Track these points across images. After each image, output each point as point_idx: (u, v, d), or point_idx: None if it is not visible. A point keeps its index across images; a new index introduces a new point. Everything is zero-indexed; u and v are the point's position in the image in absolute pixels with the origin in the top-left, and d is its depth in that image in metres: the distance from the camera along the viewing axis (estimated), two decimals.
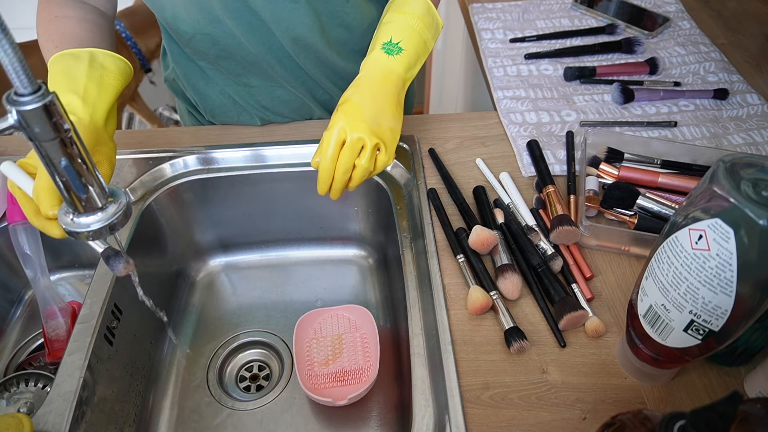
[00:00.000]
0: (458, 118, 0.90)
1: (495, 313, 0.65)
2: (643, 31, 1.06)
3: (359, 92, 0.63)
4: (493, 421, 0.56)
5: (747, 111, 0.90)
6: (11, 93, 0.38)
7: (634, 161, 0.78)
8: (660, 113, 0.90)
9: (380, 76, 0.64)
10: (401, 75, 0.65)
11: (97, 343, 0.63)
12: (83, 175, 0.45)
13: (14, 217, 0.73)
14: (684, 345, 0.50)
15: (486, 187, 0.78)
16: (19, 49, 0.36)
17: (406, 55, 0.65)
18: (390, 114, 0.64)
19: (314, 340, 0.76)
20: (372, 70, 0.65)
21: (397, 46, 0.64)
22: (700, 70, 0.97)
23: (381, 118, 0.63)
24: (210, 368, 0.78)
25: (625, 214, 0.72)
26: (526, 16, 1.11)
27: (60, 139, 0.41)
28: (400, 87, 0.65)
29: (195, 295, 0.87)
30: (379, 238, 0.88)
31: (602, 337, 0.62)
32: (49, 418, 0.56)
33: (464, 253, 0.70)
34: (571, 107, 0.91)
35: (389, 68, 0.64)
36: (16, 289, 0.85)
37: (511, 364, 0.60)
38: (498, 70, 0.99)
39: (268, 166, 0.84)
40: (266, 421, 0.72)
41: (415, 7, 0.67)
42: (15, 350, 0.79)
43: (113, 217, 0.48)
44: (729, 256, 0.42)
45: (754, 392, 0.56)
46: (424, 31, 0.67)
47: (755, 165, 0.43)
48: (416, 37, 0.66)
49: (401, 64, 0.65)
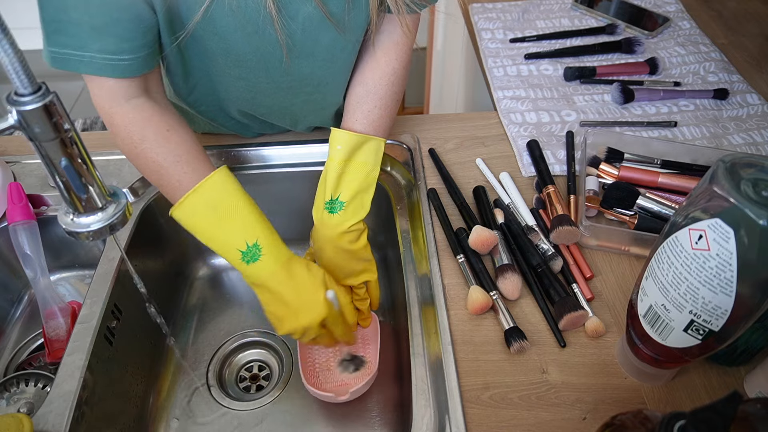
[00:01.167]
0: (458, 118, 0.90)
1: (495, 313, 0.65)
2: (643, 31, 1.06)
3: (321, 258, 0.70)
4: (493, 421, 0.56)
5: (747, 111, 0.90)
6: (11, 93, 0.38)
7: (634, 161, 0.78)
8: (660, 113, 0.90)
9: (329, 238, 0.68)
10: (346, 228, 0.67)
11: (97, 343, 0.63)
12: (83, 175, 0.45)
13: (14, 217, 0.73)
14: (684, 345, 0.50)
15: (486, 187, 0.78)
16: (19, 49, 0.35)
17: (350, 207, 0.67)
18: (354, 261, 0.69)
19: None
20: (321, 233, 0.68)
21: (338, 201, 0.67)
22: (700, 70, 0.97)
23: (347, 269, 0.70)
24: (210, 368, 0.78)
25: (625, 214, 0.72)
26: (526, 16, 1.11)
27: (60, 139, 0.41)
28: (353, 237, 0.68)
29: (195, 295, 0.87)
30: (379, 238, 0.88)
31: (602, 337, 0.62)
32: (49, 418, 0.56)
33: (464, 253, 0.70)
34: (571, 107, 0.91)
35: (335, 226, 0.67)
36: (16, 289, 0.85)
37: (511, 364, 0.60)
38: (498, 70, 0.99)
39: (268, 166, 0.84)
40: (266, 421, 0.72)
41: (341, 151, 0.67)
42: (15, 350, 0.79)
43: (113, 217, 0.48)
44: (729, 256, 0.42)
45: (754, 392, 0.56)
46: (365, 168, 0.68)
47: (755, 165, 0.43)
48: (356, 182, 0.67)
49: (345, 219, 0.67)
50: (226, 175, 0.61)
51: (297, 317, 0.61)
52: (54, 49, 0.55)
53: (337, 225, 0.67)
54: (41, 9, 0.53)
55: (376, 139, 0.68)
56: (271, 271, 0.60)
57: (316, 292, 0.61)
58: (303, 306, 0.61)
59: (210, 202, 0.60)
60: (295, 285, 0.61)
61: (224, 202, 0.60)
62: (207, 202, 0.60)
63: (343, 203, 0.67)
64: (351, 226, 0.67)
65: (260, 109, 0.76)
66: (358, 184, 0.67)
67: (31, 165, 0.83)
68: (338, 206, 0.67)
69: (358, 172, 0.67)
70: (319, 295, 0.61)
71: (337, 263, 0.69)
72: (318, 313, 0.61)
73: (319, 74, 0.69)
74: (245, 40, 0.61)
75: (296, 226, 0.90)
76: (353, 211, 0.67)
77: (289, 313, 0.61)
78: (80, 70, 0.56)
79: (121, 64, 0.56)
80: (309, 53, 0.65)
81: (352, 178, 0.67)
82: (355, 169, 0.67)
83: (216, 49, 0.63)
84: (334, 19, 0.61)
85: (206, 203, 0.60)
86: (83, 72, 0.56)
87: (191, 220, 0.60)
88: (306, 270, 0.62)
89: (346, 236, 0.67)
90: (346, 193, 0.67)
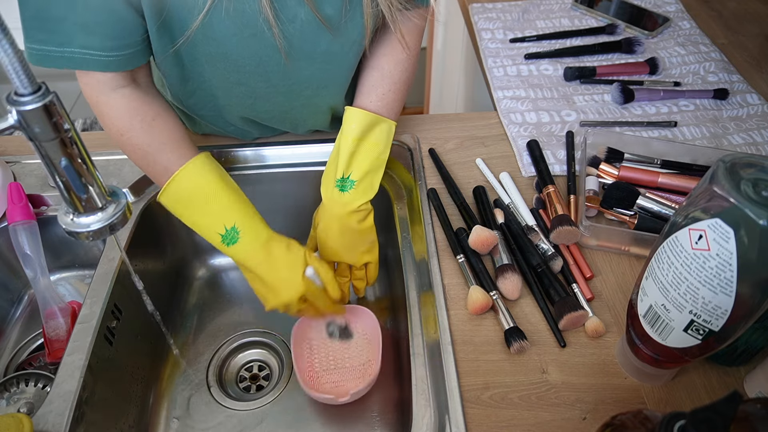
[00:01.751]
0: (458, 118, 0.90)
1: (495, 313, 0.65)
2: (643, 31, 1.06)
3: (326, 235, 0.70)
4: (493, 421, 0.56)
5: (747, 111, 0.90)
6: (11, 93, 0.38)
7: (634, 161, 0.78)
8: (660, 113, 0.90)
9: (338, 216, 0.68)
10: (356, 208, 0.68)
11: (97, 343, 0.63)
12: (83, 175, 0.45)
13: (14, 217, 0.73)
14: (684, 345, 0.50)
15: (486, 187, 0.78)
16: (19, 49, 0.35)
17: (360, 186, 0.68)
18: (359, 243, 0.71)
19: (314, 340, 0.76)
20: (330, 211, 0.69)
21: (349, 180, 0.68)
22: (700, 70, 0.97)
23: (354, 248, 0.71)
24: (210, 368, 0.78)
25: (625, 214, 0.72)
26: (526, 16, 1.11)
27: (60, 139, 0.41)
28: (361, 217, 0.69)
29: (195, 295, 0.87)
30: (379, 237, 0.88)
31: (602, 337, 0.62)
32: (49, 418, 0.56)
33: (464, 253, 0.70)
34: (571, 107, 0.91)
35: (345, 204, 0.68)
36: (16, 289, 0.85)
37: (511, 364, 0.60)
38: (498, 70, 0.99)
39: (268, 166, 0.84)
40: (266, 421, 0.72)
41: (356, 129, 0.68)
42: (15, 350, 0.79)
43: (113, 217, 0.48)
44: (729, 256, 0.42)
45: (754, 392, 0.56)
46: (377, 149, 0.69)
47: (755, 165, 0.43)
48: (368, 162, 0.68)
49: (355, 198, 0.68)
50: (203, 161, 0.63)
51: (277, 294, 0.64)
52: (34, 46, 0.55)
53: (347, 203, 0.67)
54: (21, 5, 0.53)
55: (389, 121, 0.69)
56: (249, 252, 0.63)
57: (294, 269, 0.63)
58: (281, 283, 0.63)
59: (189, 188, 0.62)
60: (272, 264, 0.63)
61: (203, 188, 0.62)
62: (186, 189, 0.62)
63: (354, 182, 0.67)
64: (360, 205, 0.68)
65: (260, 114, 0.76)
66: (369, 164, 0.68)
67: (31, 165, 0.83)
68: (349, 185, 0.67)
69: (370, 152, 0.68)
70: (297, 273, 0.63)
71: (343, 242, 0.70)
72: (296, 290, 0.63)
73: (319, 77, 0.69)
74: (243, 45, 0.61)
75: (296, 226, 0.90)
76: (363, 190, 0.68)
77: (270, 290, 0.64)
78: (62, 66, 0.56)
79: (105, 59, 0.57)
80: (307, 56, 0.65)
81: (364, 157, 0.68)
82: (367, 149, 0.68)
83: (214, 53, 0.63)
84: (330, 23, 0.61)
85: (186, 189, 0.62)
86: (66, 68, 0.56)
87: (174, 207, 0.63)
88: (285, 249, 0.64)
89: (354, 215, 0.68)
90: (358, 172, 0.67)
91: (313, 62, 0.66)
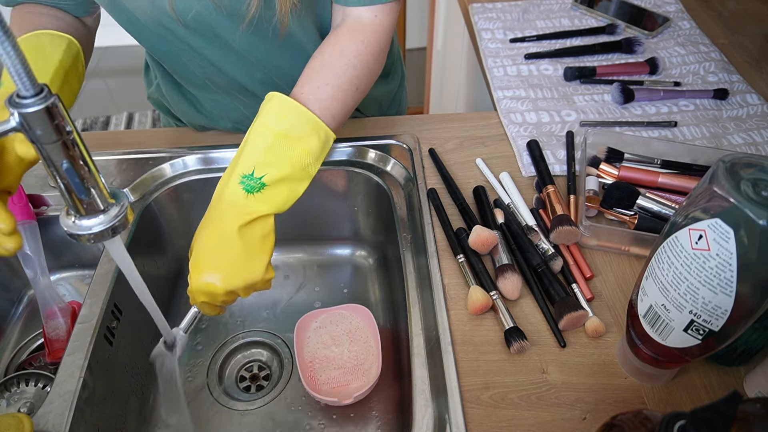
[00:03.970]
0: (458, 118, 0.90)
1: (495, 313, 0.65)
2: (643, 31, 1.06)
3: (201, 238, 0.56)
4: (493, 421, 0.56)
5: (747, 111, 0.90)
6: (13, 95, 0.38)
7: (634, 161, 0.78)
8: (660, 113, 0.90)
9: (228, 218, 0.55)
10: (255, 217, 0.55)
11: (97, 343, 0.63)
12: (85, 177, 0.45)
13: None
14: (684, 345, 0.50)
15: (486, 187, 0.78)
16: (21, 51, 0.35)
17: (269, 193, 0.55)
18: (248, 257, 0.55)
19: (315, 340, 0.76)
20: (219, 210, 0.55)
21: (260, 181, 0.54)
22: (700, 70, 0.97)
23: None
24: (210, 368, 0.78)
25: (625, 214, 0.72)
26: (526, 16, 1.11)
27: (62, 142, 0.41)
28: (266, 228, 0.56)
29: None
30: (379, 238, 0.88)
31: (602, 337, 0.62)
32: (49, 418, 0.57)
33: (464, 253, 0.70)
34: (571, 107, 0.91)
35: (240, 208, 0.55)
36: (16, 289, 0.85)
37: (511, 364, 0.61)
38: (498, 70, 0.99)
39: None
40: (266, 421, 0.72)
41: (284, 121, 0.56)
42: (15, 350, 0.79)
43: (115, 219, 0.48)
44: (729, 256, 0.42)
45: (754, 392, 0.57)
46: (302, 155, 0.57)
47: (755, 165, 0.43)
48: (289, 169, 0.55)
49: (258, 203, 0.55)
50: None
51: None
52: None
53: (244, 207, 0.54)
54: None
55: (329, 131, 0.59)
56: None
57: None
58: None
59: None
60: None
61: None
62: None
63: (264, 185, 0.55)
64: (263, 216, 0.55)
65: (221, 83, 0.76)
66: (291, 171, 0.56)
67: None
68: (257, 186, 0.55)
69: (296, 157, 0.56)
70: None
71: (222, 250, 0.55)
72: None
73: (263, 48, 0.68)
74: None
75: (296, 226, 0.90)
76: (272, 199, 0.56)
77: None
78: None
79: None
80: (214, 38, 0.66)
81: (286, 159, 0.56)
82: (292, 150, 0.56)
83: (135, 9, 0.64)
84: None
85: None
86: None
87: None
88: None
89: (250, 227, 0.55)
90: (273, 174, 0.55)
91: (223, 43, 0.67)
